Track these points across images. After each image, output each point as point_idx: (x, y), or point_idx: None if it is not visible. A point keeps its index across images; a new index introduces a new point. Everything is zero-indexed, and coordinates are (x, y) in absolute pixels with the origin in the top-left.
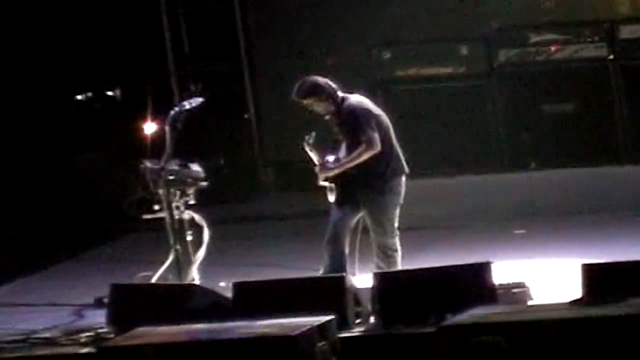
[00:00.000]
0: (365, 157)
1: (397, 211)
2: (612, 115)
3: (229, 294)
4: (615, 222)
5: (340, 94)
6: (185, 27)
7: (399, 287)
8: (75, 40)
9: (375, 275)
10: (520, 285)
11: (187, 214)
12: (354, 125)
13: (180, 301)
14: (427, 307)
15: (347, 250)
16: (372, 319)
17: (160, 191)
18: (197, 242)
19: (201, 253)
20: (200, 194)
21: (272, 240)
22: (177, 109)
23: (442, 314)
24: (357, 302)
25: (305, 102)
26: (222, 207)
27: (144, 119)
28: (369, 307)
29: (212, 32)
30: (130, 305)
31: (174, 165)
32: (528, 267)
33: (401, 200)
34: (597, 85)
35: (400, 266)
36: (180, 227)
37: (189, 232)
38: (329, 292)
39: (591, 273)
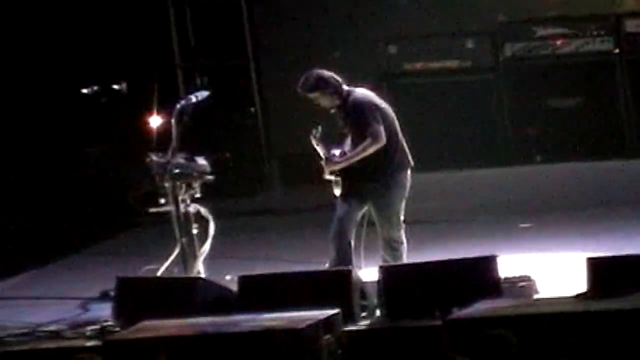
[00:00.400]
0: (370, 150)
1: (403, 204)
2: (618, 109)
3: (234, 288)
4: (620, 215)
5: (345, 87)
6: (191, 21)
7: (405, 280)
8: (81, 34)
9: (381, 268)
10: (525, 278)
11: (193, 208)
12: (359, 119)
13: (185, 294)
14: (432, 301)
15: (353, 244)
16: (377, 313)
17: (166, 184)
18: (203, 236)
19: (207, 246)
20: (206, 187)
21: (277, 234)
22: (183, 102)
23: (448, 307)
24: (363, 295)
25: (310, 96)
26: (228, 201)
27: (150, 112)
28: (375, 300)
29: (218, 25)
30: (136, 298)
31: (180, 159)
32: (533, 260)
33: (407, 194)
34: (603, 79)
35: (406, 259)
36: (185, 220)
37: (195, 226)
38: (335, 286)
39: (596, 267)
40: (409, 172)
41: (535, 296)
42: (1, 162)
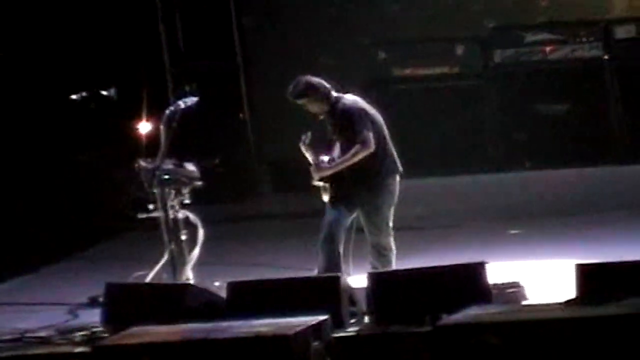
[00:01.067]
0: (359, 157)
1: (392, 210)
2: (607, 115)
3: (223, 294)
4: (609, 221)
5: (334, 93)
6: (180, 26)
7: (394, 286)
8: (70, 40)
9: (370, 275)
10: (514, 285)
11: (182, 214)
12: (348, 125)
13: (175, 301)
14: (421, 307)
15: (341, 250)
16: (366, 319)
17: (155, 190)
18: (192, 242)
19: (196, 252)
20: (195, 193)
21: (266, 240)
22: (172, 108)
23: (437, 313)
24: (352, 301)
25: (299, 102)
26: (217, 207)
27: (139, 118)
28: (364, 306)
29: (207, 31)
30: (125, 304)
31: (169, 165)
32: (522, 267)
33: (395, 200)
34: (592, 85)
35: (394, 266)
36: (175, 226)
37: (184, 232)
38: (323, 292)
39: (585, 273)
40: (397, 178)
41: (525, 302)
42: None
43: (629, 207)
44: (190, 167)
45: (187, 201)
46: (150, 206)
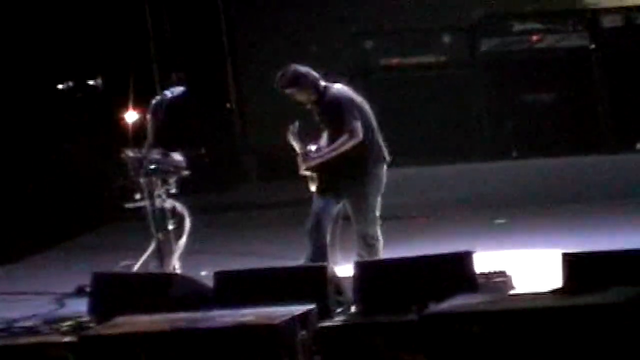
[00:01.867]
0: (347, 146)
1: (379, 200)
2: (594, 104)
3: (210, 283)
4: (596, 211)
5: (322, 83)
6: (167, 16)
7: (381, 276)
8: (56, 29)
9: (357, 264)
10: (501, 274)
11: (169, 203)
12: (336, 114)
13: (161, 290)
14: (408, 296)
15: (329, 239)
16: (353, 308)
17: (142, 180)
18: (179, 231)
19: (182, 242)
20: (182, 182)
21: (253, 229)
22: (159, 97)
23: (424, 303)
24: (339, 291)
25: (287, 91)
26: (204, 196)
27: (125, 108)
28: (351, 296)
29: (194, 21)
30: (112, 294)
31: (155, 154)
32: (509, 256)
33: (382, 189)
34: (579, 74)
35: (381, 255)
36: (161, 216)
37: (171, 221)
38: (310, 281)
39: (572, 262)
40: (385, 167)
41: (511, 292)
42: None
43: (616, 196)
44: (177, 156)
45: (173, 190)
46: (137, 196)
